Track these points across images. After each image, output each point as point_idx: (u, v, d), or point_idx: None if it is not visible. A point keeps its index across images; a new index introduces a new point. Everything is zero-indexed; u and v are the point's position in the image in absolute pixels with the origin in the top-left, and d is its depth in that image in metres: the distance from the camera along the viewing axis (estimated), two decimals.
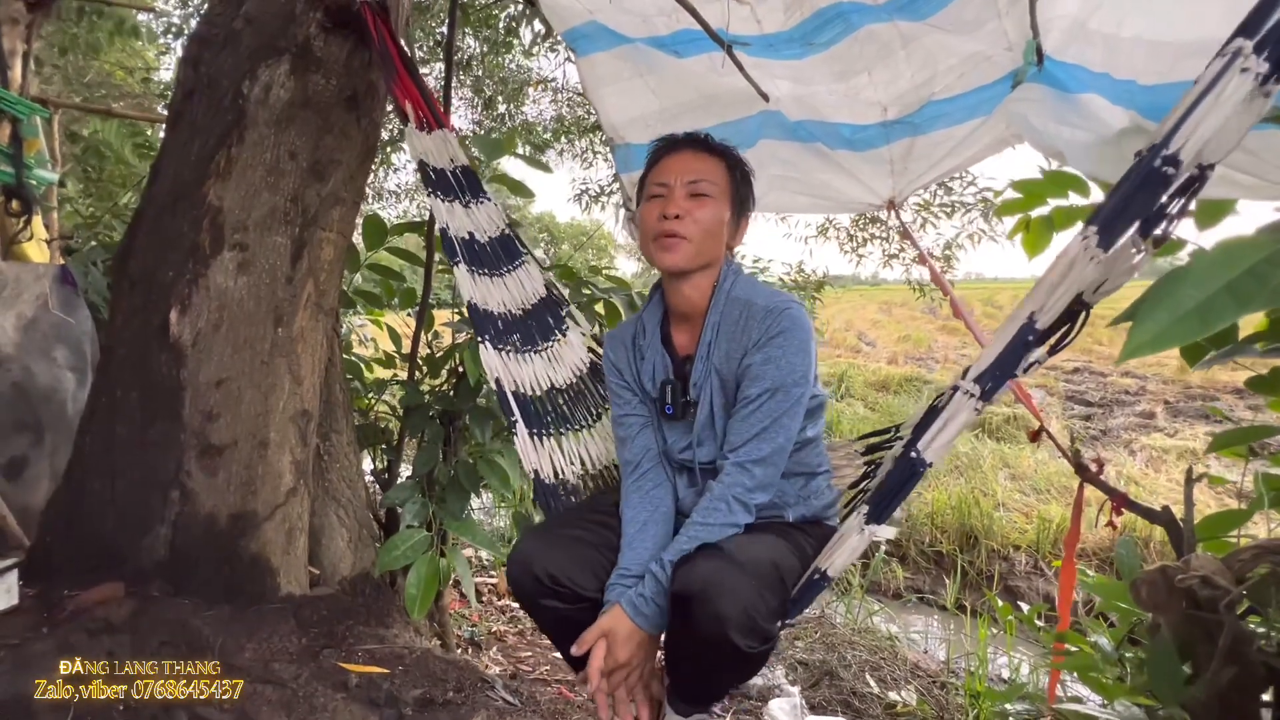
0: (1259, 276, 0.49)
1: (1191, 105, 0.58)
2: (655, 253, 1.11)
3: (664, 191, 1.11)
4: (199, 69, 1.57)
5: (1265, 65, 0.55)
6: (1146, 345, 0.49)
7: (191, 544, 1.50)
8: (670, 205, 1.09)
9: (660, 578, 0.99)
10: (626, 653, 0.98)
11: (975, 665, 2.46)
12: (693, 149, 1.14)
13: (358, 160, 1.73)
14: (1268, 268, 0.49)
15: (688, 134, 1.16)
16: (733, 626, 0.87)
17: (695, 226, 1.08)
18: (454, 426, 1.99)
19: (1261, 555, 0.90)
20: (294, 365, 1.61)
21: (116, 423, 1.52)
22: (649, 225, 1.12)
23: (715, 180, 1.11)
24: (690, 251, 1.09)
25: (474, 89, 5.63)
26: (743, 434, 1.05)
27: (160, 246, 1.54)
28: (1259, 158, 1.11)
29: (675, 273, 1.11)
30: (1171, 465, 5.54)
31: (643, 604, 0.98)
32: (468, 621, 2.46)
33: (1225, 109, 0.56)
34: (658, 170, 1.14)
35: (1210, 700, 0.84)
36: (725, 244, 1.13)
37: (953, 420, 0.76)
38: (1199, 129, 0.58)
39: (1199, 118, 0.58)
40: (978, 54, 1.50)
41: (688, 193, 1.09)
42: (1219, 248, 0.54)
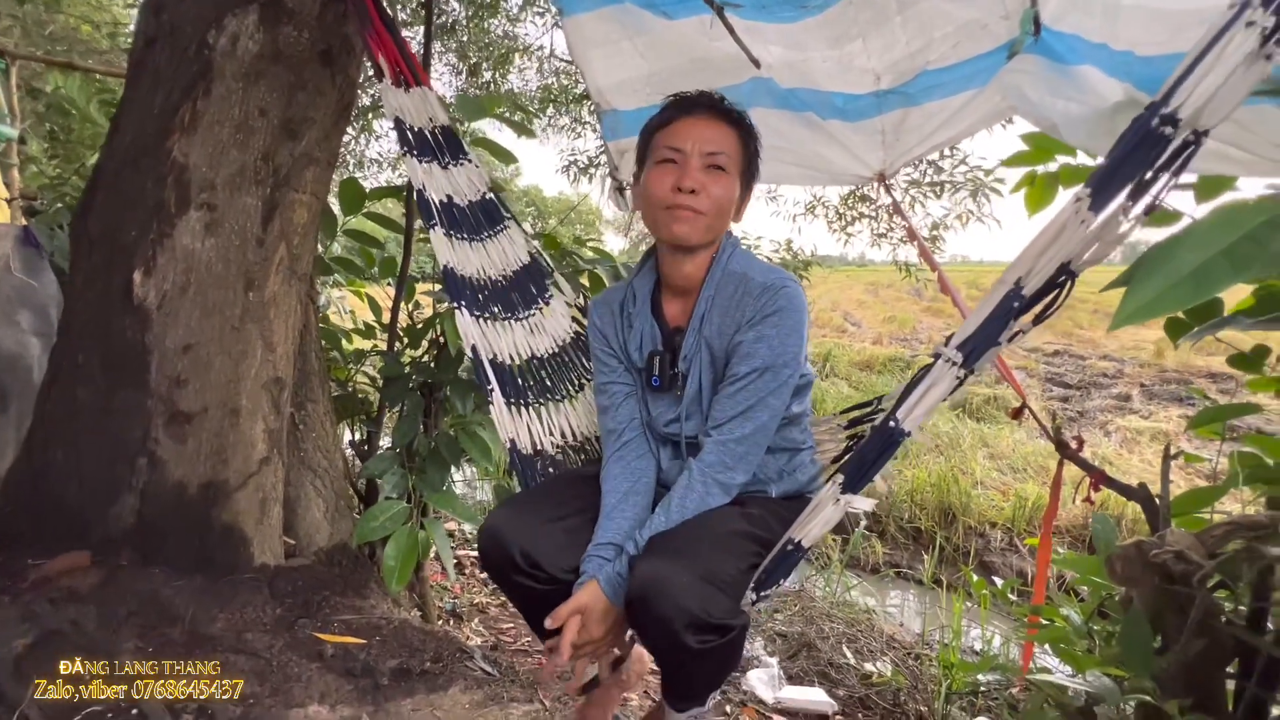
0: (1258, 240, 0.47)
1: (1195, 60, 0.56)
2: (665, 222, 1.04)
3: (678, 158, 1.04)
4: (160, 15, 1.49)
5: (1272, 19, 0.53)
6: (1141, 311, 0.47)
7: (161, 513, 1.46)
8: (686, 177, 1.02)
9: (634, 555, 0.97)
10: (601, 629, 0.97)
11: (949, 638, 2.51)
12: (710, 114, 1.06)
13: (332, 119, 1.65)
14: (1267, 231, 0.47)
15: (704, 94, 1.08)
16: (680, 626, 0.85)
17: (710, 202, 1.03)
18: (434, 398, 1.96)
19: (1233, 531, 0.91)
20: (266, 331, 1.56)
21: (79, 388, 1.46)
22: (659, 193, 1.04)
23: (731, 152, 1.05)
24: (702, 227, 1.04)
25: (459, 55, 5.46)
26: (727, 411, 1.02)
27: (122, 205, 1.47)
28: (1253, 132, 1.09)
29: (682, 247, 1.06)
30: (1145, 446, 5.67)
31: (620, 582, 0.97)
32: (449, 593, 2.45)
33: (1229, 65, 0.54)
34: (671, 132, 1.06)
35: (1178, 671, 0.86)
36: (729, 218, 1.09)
37: (934, 388, 0.74)
38: (1200, 86, 0.56)
39: (1201, 73, 0.55)
40: (974, 21, 1.46)
41: (704, 164, 1.03)
42: (1217, 212, 0.52)
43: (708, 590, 0.87)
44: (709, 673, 0.97)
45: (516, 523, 1.02)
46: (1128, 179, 0.62)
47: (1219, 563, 0.86)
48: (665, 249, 1.10)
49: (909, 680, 2.17)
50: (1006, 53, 1.44)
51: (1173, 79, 0.59)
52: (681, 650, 0.87)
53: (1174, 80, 0.58)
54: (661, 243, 1.11)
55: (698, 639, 0.86)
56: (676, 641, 0.86)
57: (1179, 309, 0.48)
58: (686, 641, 0.86)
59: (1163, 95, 0.59)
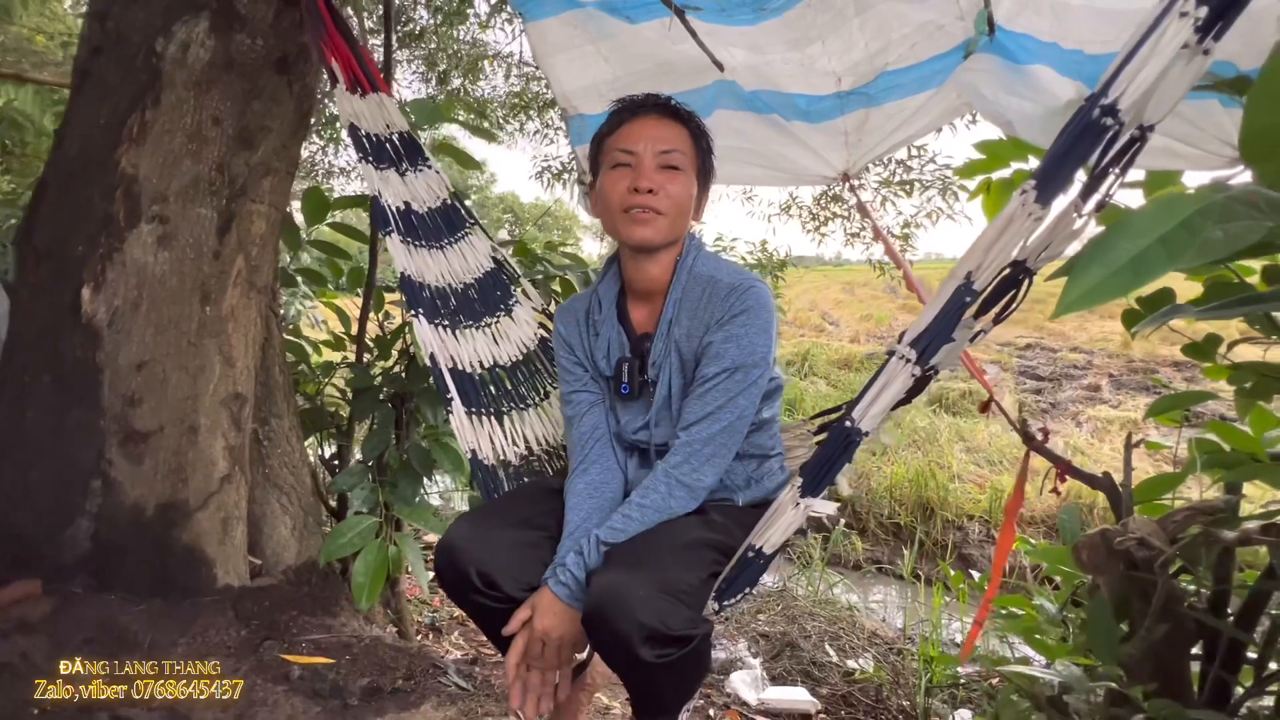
0: (1191, 228, 0.47)
1: (1130, 52, 0.57)
2: (625, 226, 1.03)
3: (631, 160, 1.03)
4: (105, 23, 1.44)
5: (1204, 10, 0.54)
6: (1081, 299, 0.47)
7: (117, 536, 1.41)
8: (642, 178, 1.01)
9: (587, 554, 0.95)
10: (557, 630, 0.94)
11: (929, 631, 2.53)
12: (659, 114, 1.05)
13: (290, 128, 1.62)
14: (1199, 219, 0.48)
15: (650, 96, 1.08)
16: (637, 641, 0.83)
17: (669, 201, 1.02)
18: (405, 409, 1.92)
19: (1193, 516, 0.93)
20: (224, 346, 1.51)
21: (28, 409, 1.41)
22: (616, 197, 1.03)
23: (685, 151, 1.04)
24: (664, 227, 1.02)
25: (427, 62, 5.41)
26: (696, 412, 1.01)
27: (69, 218, 1.42)
28: (1197, 126, 1.12)
29: (644, 249, 1.05)
30: (1115, 435, 5.80)
31: (575, 585, 0.94)
32: (428, 607, 2.41)
33: (1164, 56, 0.55)
34: (622, 135, 1.05)
35: (1144, 656, 0.87)
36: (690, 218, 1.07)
37: (888, 387, 0.73)
38: (1138, 78, 0.56)
39: (1138, 65, 0.56)
40: (930, 23, 1.48)
41: (659, 164, 1.02)
42: (1154, 202, 0.53)
43: (665, 602, 0.85)
44: (675, 685, 0.94)
45: (474, 540, 0.99)
46: (1072, 168, 0.63)
47: (1179, 548, 0.87)
48: (628, 253, 1.09)
49: (890, 675, 2.18)
50: (963, 53, 1.47)
51: (1110, 71, 0.59)
52: (640, 664, 0.84)
53: (1111, 72, 0.59)
54: (624, 247, 1.09)
55: (655, 653, 0.84)
56: (633, 656, 0.83)
57: (1118, 296, 0.48)
58: (643, 656, 0.83)
59: (1101, 86, 0.60)
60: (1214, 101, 1.10)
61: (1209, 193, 0.51)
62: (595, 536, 0.96)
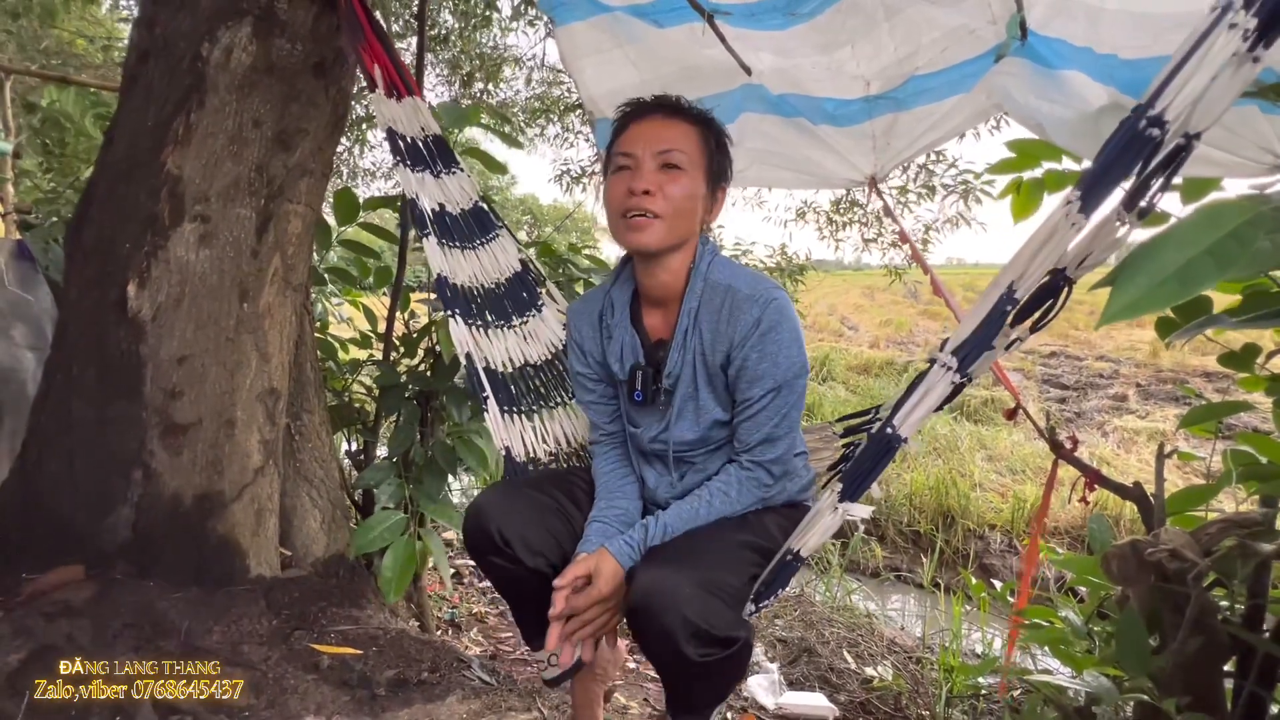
0: (1241, 239, 0.47)
1: (1179, 63, 0.57)
2: (623, 232, 1.02)
3: (630, 163, 1.01)
4: (154, 30, 1.49)
5: (1254, 21, 0.53)
6: (1127, 309, 0.48)
7: (156, 525, 1.45)
8: (638, 180, 0.99)
9: (651, 533, 0.97)
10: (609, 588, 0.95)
11: (949, 640, 2.51)
12: (662, 114, 1.03)
13: (326, 131, 1.66)
14: (1250, 230, 0.48)
15: (657, 97, 1.06)
16: (682, 639, 0.84)
17: (666, 203, 0.99)
18: (430, 406, 1.96)
19: (1228, 529, 0.91)
20: (261, 342, 1.55)
21: (73, 400, 1.46)
22: (615, 201, 1.02)
23: (687, 150, 1.01)
24: (661, 231, 1.00)
25: (451, 66, 5.48)
26: (753, 435, 1.02)
27: (116, 217, 1.47)
28: (1237, 134, 1.10)
29: (645, 254, 1.04)
30: (1142, 446, 5.68)
31: (629, 550, 0.96)
32: (448, 603, 2.44)
33: (1213, 67, 0.55)
34: (624, 139, 1.03)
35: (1175, 670, 0.85)
36: (700, 220, 1.05)
37: (930, 393, 0.74)
38: (1185, 89, 0.56)
39: (1186, 76, 0.56)
40: (961, 27, 1.47)
41: (657, 165, 1.00)
42: (1200, 212, 0.53)
43: (710, 601, 0.86)
44: (711, 688, 0.95)
45: (501, 504, 1.02)
46: (1116, 181, 0.62)
47: (1214, 560, 0.86)
48: (636, 257, 1.08)
49: (910, 684, 2.16)
50: (993, 57, 1.46)
51: (1158, 81, 0.59)
52: (683, 662, 0.85)
53: (1159, 83, 0.59)
54: (629, 252, 1.08)
55: (699, 651, 0.85)
56: (678, 653, 0.84)
57: (1164, 307, 0.49)
58: (688, 654, 0.84)
59: (1148, 98, 0.59)
60: (1254, 108, 1.08)
61: (1255, 203, 0.51)
62: (664, 521, 0.98)
